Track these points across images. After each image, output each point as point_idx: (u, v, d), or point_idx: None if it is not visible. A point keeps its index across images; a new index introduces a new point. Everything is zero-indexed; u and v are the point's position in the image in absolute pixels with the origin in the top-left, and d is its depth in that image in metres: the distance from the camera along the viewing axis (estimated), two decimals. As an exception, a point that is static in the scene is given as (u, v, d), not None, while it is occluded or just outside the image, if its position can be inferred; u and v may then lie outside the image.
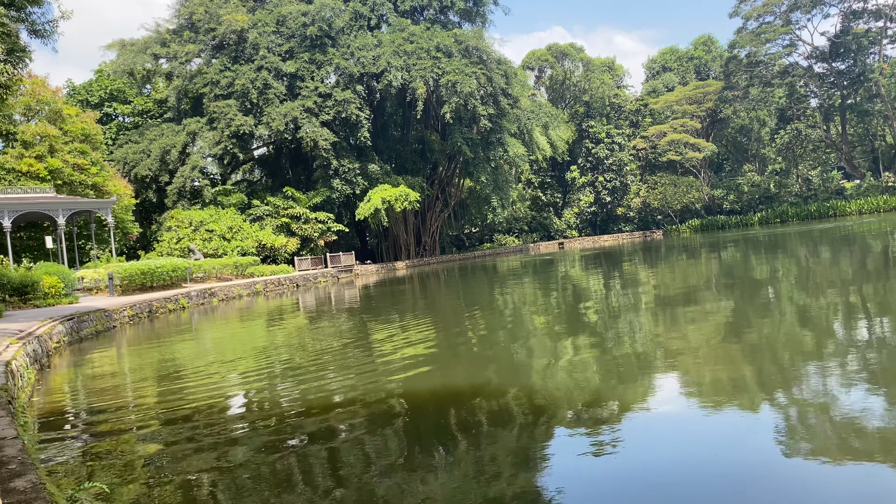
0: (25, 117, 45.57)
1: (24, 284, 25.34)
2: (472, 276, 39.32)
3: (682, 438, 6.72)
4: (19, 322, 18.02)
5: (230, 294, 36.10)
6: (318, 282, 47.36)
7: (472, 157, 62.23)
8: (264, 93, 55.71)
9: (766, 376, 8.74)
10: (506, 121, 63.82)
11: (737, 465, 5.86)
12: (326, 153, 55.43)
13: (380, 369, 11.21)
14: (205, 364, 13.85)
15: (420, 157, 66.32)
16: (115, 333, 21.49)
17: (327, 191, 56.29)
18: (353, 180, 57.02)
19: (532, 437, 6.96)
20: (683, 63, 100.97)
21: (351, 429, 7.69)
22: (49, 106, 45.01)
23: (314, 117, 55.42)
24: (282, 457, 6.80)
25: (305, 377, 11.02)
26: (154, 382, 11.95)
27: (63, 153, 42.77)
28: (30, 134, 42.25)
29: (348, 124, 58.14)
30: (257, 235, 51.19)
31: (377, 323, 19.04)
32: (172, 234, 49.27)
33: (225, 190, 56.79)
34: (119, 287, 32.10)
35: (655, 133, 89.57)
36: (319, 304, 29.67)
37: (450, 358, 11.88)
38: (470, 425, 7.44)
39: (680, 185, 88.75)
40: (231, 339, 18.88)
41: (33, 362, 13.17)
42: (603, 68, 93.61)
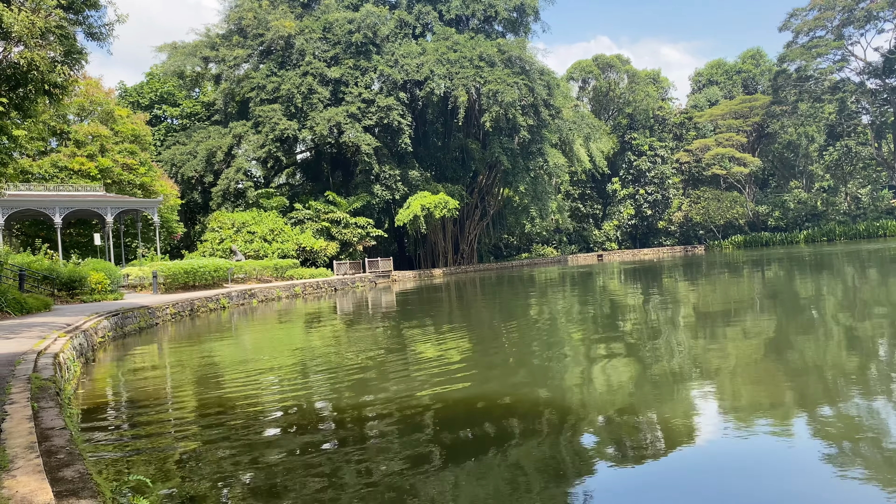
0: (79, 117, 47.02)
1: (73, 280, 26.11)
2: (510, 286, 39.22)
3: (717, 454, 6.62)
4: (66, 316, 18.57)
5: (270, 296, 36.63)
6: (356, 286, 47.76)
7: (511, 166, 62.17)
8: (309, 98, 56.55)
9: (808, 398, 8.55)
10: (546, 131, 63.62)
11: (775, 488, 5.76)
12: (368, 158, 55.96)
13: (415, 376, 11.27)
14: (243, 364, 14.10)
15: (460, 165, 66.49)
16: (157, 330, 21.98)
17: (367, 196, 56.79)
18: (394, 186, 57.41)
19: (566, 450, 6.93)
20: (730, 76, 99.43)
21: (383, 434, 7.75)
22: (101, 107, 46.37)
23: (357, 123, 56.04)
24: (314, 458, 6.89)
25: (341, 381, 11.14)
26: (193, 380, 12.20)
27: (113, 153, 44.00)
28: (82, 133, 43.58)
29: (390, 130, 58.63)
30: (297, 238, 51.87)
31: (413, 330, 19.13)
32: (215, 235, 50.27)
33: (267, 193, 57.70)
34: (162, 285, 32.82)
35: (700, 147, 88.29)
36: (357, 308, 29.91)
37: (485, 367, 11.89)
38: (504, 435, 7.44)
39: (723, 200, 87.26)
40: (269, 340, 19.16)
41: (79, 356, 13.56)
42: (648, 80, 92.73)
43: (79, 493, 3.74)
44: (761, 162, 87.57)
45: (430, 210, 55.54)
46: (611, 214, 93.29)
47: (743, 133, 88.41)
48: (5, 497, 3.60)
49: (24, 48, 17.44)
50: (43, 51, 17.48)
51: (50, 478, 3.92)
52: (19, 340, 12.65)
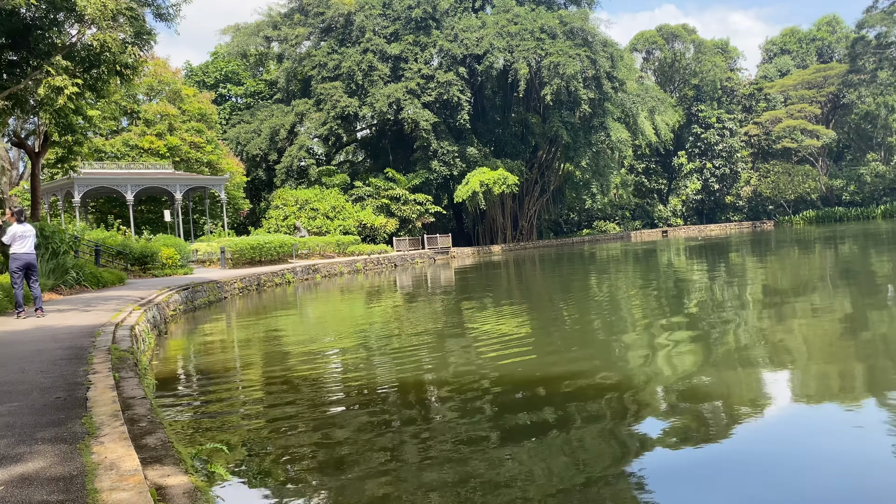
0: (148, 97, 48.54)
1: (145, 255, 27.17)
2: (570, 263, 38.88)
3: (784, 436, 6.47)
4: (140, 290, 19.36)
5: (332, 271, 37.33)
6: (415, 262, 48.19)
7: (572, 141, 61.24)
8: (369, 75, 56.85)
9: (883, 377, 8.24)
10: (609, 104, 62.30)
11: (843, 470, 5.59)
12: (427, 134, 56.00)
13: (474, 352, 11.35)
14: (307, 338, 14.47)
15: (520, 140, 65.88)
16: (225, 304, 22.72)
17: (426, 172, 56.96)
18: (452, 162, 57.36)
19: (626, 430, 6.88)
20: (804, 45, 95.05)
21: (444, 410, 7.86)
22: (169, 86, 47.73)
23: (416, 99, 56.08)
24: (377, 431, 7.05)
25: (401, 356, 11.31)
26: (260, 353, 12.60)
27: (181, 131, 45.32)
28: (151, 113, 45.02)
29: (449, 106, 58.46)
30: (358, 215, 52.56)
31: (473, 306, 19.21)
32: (280, 212, 51.39)
33: (329, 170, 58.52)
34: (230, 260, 33.83)
35: (770, 119, 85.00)
36: (416, 284, 30.20)
37: (546, 345, 11.87)
38: (563, 413, 7.44)
39: (795, 174, 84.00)
40: (333, 315, 19.57)
41: (153, 328, 14.14)
42: (715, 50, 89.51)
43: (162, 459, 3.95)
44: (836, 134, 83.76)
45: (488, 186, 55.34)
46: (676, 189, 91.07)
47: (816, 104, 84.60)
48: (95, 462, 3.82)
49: (96, 30, 18.06)
50: (114, 32, 18.07)
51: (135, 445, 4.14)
52: (97, 313, 13.26)
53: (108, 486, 3.51)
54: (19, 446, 4.38)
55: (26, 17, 19.05)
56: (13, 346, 9.09)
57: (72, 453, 4.14)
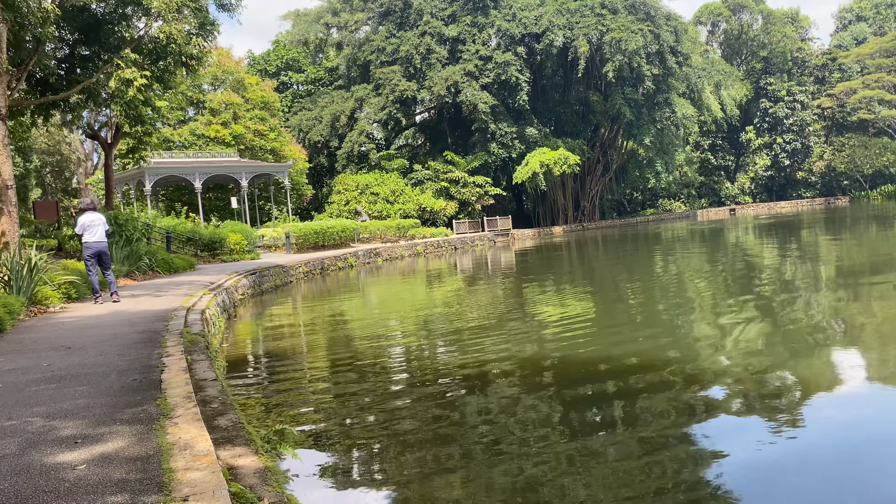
0: (212, 86, 49.73)
1: (213, 241, 27.97)
2: (634, 243, 38.14)
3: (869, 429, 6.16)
4: (209, 275, 19.95)
5: (393, 254, 37.66)
6: (475, 245, 48.15)
7: (635, 118, 59.85)
8: (427, 58, 56.76)
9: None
10: (673, 79, 60.55)
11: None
12: (485, 116, 55.65)
13: (537, 335, 11.25)
14: (370, 321, 14.64)
15: (580, 118, 64.80)
16: (291, 288, 23.22)
17: (485, 155, 56.68)
18: (511, 144, 56.89)
19: (699, 419, 6.69)
20: (882, 11, 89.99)
21: (508, 396, 7.81)
22: (233, 76, 48.78)
23: (474, 81, 55.73)
24: (441, 417, 7.06)
25: (463, 339, 11.31)
26: (326, 336, 12.82)
27: (245, 120, 46.33)
28: (216, 102, 46.14)
29: (507, 87, 57.90)
30: (418, 199, 52.78)
31: (534, 288, 19.07)
32: (341, 197, 52.08)
33: (388, 154, 58.90)
34: (294, 245, 34.52)
35: (844, 90, 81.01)
36: (476, 267, 30.16)
37: (610, 328, 11.67)
38: (630, 401, 7.29)
39: (872, 147, 79.97)
40: (395, 298, 19.75)
41: (222, 312, 14.54)
42: (785, 20, 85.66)
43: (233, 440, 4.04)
44: (918, 104, 79.16)
45: (548, 167, 54.70)
46: (744, 166, 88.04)
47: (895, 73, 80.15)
48: (170, 443, 3.93)
49: (162, 23, 18.54)
50: (179, 24, 18.51)
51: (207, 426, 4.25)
52: (169, 298, 13.71)
53: (183, 465, 3.61)
54: (99, 427, 4.55)
55: (96, 13, 19.72)
56: (92, 330, 9.48)
57: (148, 434, 4.28)
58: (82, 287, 14.29)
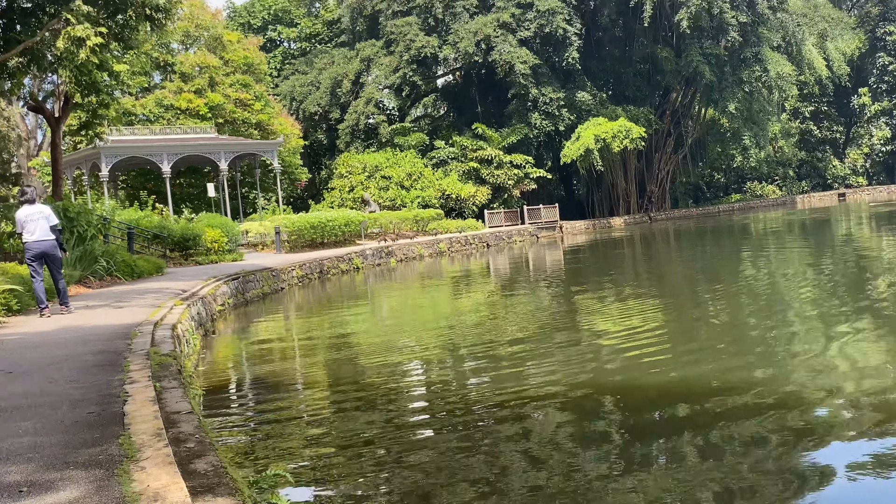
0: (183, 46, 50.28)
1: (186, 238, 28.32)
2: (715, 239, 37.83)
3: None
4: (181, 280, 20.18)
5: (409, 254, 37.81)
6: (514, 241, 48.15)
7: (716, 79, 59.33)
8: (451, 6, 56.79)
9: None
10: (765, 29, 59.91)
11: None
12: (524, 80, 55.57)
13: (591, 356, 11.21)
14: (382, 338, 14.70)
15: (646, 80, 64.41)
16: (283, 296, 23.37)
17: (524, 127, 56.59)
18: (558, 113, 56.73)
19: (794, 464, 6.62)
20: None
21: (555, 435, 7.77)
22: (208, 32, 49.28)
23: (510, 35, 55.64)
24: (469, 456, 7.06)
25: (498, 362, 11.30)
26: (326, 357, 12.90)
27: (224, 86, 46.77)
28: (188, 65, 46.63)
29: (553, 42, 57.72)
30: (440, 183, 52.90)
31: (588, 297, 19.00)
32: (344, 182, 52.37)
33: (403, 128, 59.07)
34: (286, 243, 34.77)
35: None
36: (515, 269, 30.12)
37: (684, 347, 11.60)
38: (711, 437, 7.22)
39: None
40: (412, 309, 19.81)
41: (198, 327, 14.71)
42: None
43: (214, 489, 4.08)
44: None
45: (605, 141, 54.46)
46: (856, 139, 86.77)
47: None
48: (137, 493, 3.98)
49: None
50: (143, -32, 18.71)
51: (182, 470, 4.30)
52: (132, 309, 13.90)
53: (153, 521, 3.65)
54: (49, 471, 4.62)
55: (41, -44, 20.00)
56: (38, 351, 9.64)
57: (109, 480, 4.34)
58: (25, 297, 14.52)
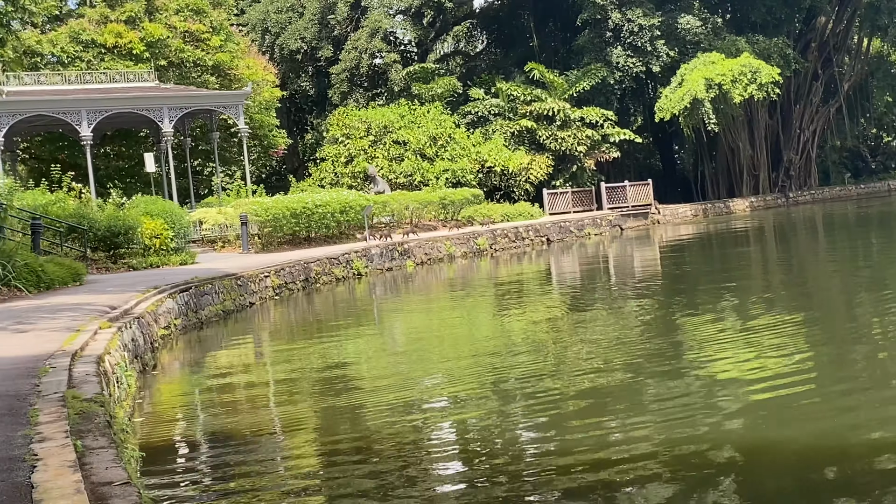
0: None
1: (114, 232, 28.47)
2: (884, 231, 37.47)
3: None
4: (108, 293, 20.30)
5: (434, 253, 37.75)
6: (586, 234, 47.87)
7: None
8: None
9: None
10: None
11: None
12: (602, 0, 55.53)
13: (698, 404, 11.14)
14: (394, 377, 14.68)
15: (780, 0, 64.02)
16: (252, 315, 23.47)
17: (601, 69, 56.35)
18: (651, 48, 56.51)
19: None
20: None
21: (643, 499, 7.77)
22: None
23: (581, -67, 55.69)
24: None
25: (561, 413, 11.27)
26: (314, 406, 12.90)
27: (167, 13, 47.05)
28: (117, -17, 46.98)
29: (644, -57, 57.62)
30: (478, 151, 52.69)
31: (696, 316, 18.88)
32: (340, 149, 52.35)
33: (424, 71, 58.96)
34: (257, 238, 34.89)
35: None
36: (588, 276, 30.03)
37: (839, 387, 11.52)
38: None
39: None
40: (437, 335, 19.79)
41: (133, 359, 14.81)
42: None
43: None
44: None
45: (722, 88, 54.04)
46: None
47: None
48: None
49: None
50: None
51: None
52: (39, 334, 13.99)
53: None
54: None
55: None
56: None
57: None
58: None
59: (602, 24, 56.48)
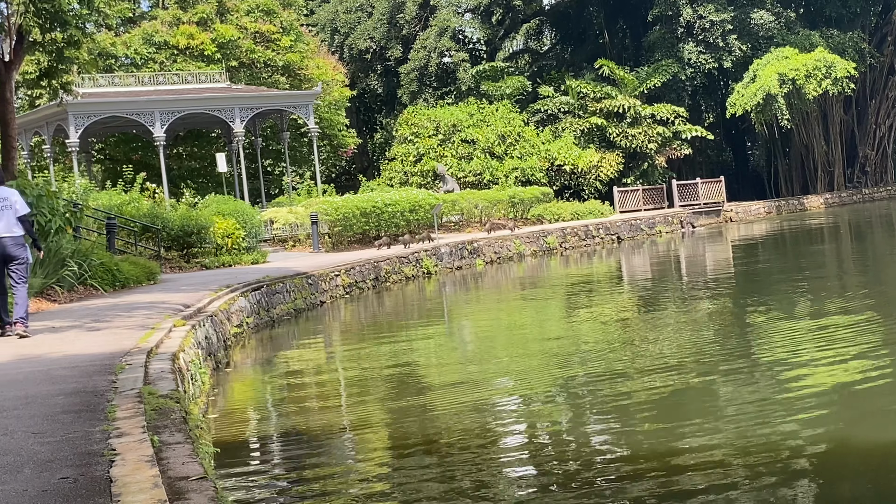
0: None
1: (187, 231, 28.79)
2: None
3: None
4: (182, 292, 20.52)
5: (503, 252, 37.73)
6: (657, 232, 47.56)
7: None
8: None
9: None
10: None
11: None
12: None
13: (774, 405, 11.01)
14: (464, 377, 14.66)
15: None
16: (322, 314, 23.64)
17: (673, 65, 55.91)
18: (723, 43, 55.95)
19: None
20: None
21: None
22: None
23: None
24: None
25: (632, 412, 11.19)
26: (385, 404, 12.92)
27: (238, 15, 47.39)
28: (189, -15, 47.50)
29: (715, -62, 57.07)
30: (548, 149, 52.52)
31: (771, 316, 18.68)
32: (409, 149, 52.41)
33: (493, 70, 58.89)
34: (327, 237, 35.07)
35: None
36: (660, 275, 29.83)
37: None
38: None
39: None
40: (508, 335, 19.81)
41: (206, 357, 14.96)
42: None
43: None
44: None
45: (795, 83, 53.43)
46: None
47: None
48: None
49: None
50: None
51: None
52: (115, 332, 14.16)
53: None
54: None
55: None
56: (-12, 390, 9.91)
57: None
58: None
59: (673, 20, 56.07)
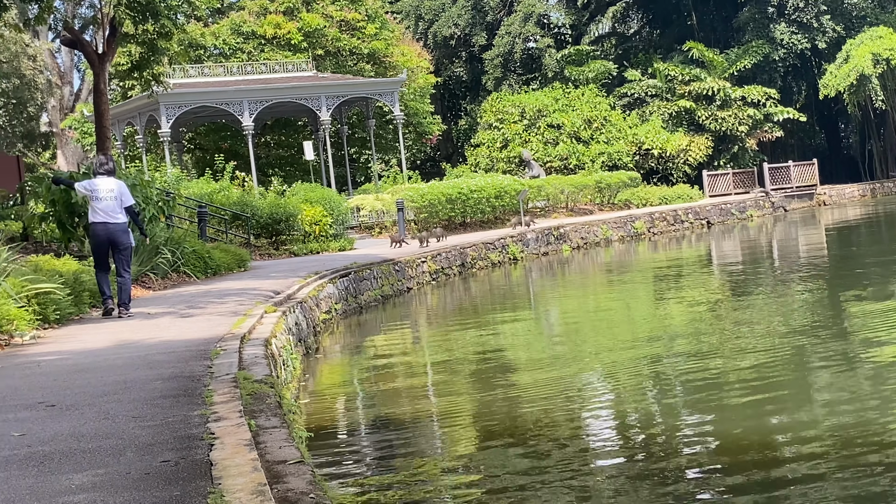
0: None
1: (276, 219, 29.15)
2: None
3: None
4: (271, 279, 20.81)
5: (589, 237, 37.61)
6: (749, 216, 47.03)
7: None
8: None
9: None
10: None
11: None
12: (764, -26, 54.42)
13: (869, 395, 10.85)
14: (551, 364, 14.66)
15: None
16: (409, 300, 23.81)
17: (764, 46, 55.17)
18: (815, 23, 55.08)
19: None
20: None
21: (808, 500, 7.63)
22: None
23: None
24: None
25: (723, 401, 11.11)
26: (472, 391, 12.99)
27: (324, 3, 47.67)
28: (275, -27, 47.88)
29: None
30: (635, 133, 52.19)
31: (866, 301, 18.41)
32: (494, 135, 52.40)
33: (578, 54, 58.57)
34: (414, 223, 35.20)
35: None
36: (751, 258, 29.53)
37: None
38: None
39: None
40: (595, 321, 19.75)
41: (297, 343, 15.16)
42: None
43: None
44: None
45: (890, 63, 52.43)
46: None
47: None
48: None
49: None
50: None
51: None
52: (208, 318, 14.41)
53: None
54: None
55: None
56: (87, 375, 10.10)
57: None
58: (65, 302, 15.29)
59: (765, 0, 55.30)
